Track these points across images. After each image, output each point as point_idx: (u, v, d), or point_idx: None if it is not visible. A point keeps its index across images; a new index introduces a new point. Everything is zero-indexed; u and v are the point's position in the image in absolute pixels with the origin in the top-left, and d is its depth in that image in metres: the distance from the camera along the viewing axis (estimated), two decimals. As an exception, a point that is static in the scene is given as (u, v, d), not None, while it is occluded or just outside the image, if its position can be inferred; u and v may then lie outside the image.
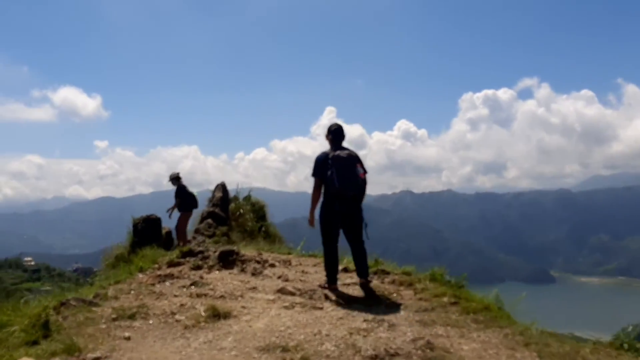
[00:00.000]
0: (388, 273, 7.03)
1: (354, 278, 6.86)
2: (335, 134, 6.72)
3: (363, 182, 6.41)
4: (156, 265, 7.76)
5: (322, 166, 6.45)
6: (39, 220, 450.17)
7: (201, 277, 6.88)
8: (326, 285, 6.55)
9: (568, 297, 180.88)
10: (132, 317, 5.18)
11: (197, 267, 7.54)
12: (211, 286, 6.40)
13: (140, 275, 7.32)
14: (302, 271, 7.55)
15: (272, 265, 7.87)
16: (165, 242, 12.01)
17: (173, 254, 8.42)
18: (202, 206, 13.57)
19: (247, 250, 9.32)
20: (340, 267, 6.89)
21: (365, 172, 6.47)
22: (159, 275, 6.97)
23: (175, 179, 12.85)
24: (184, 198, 12.81)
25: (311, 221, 6.65)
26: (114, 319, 5.09)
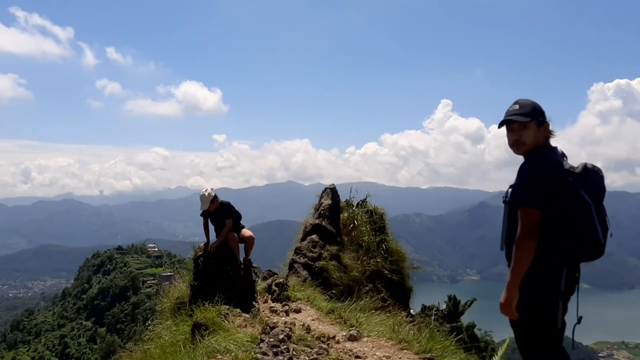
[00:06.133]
0: None
1: None
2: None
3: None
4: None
5: (555, 190, 2.98)
6: (163, 208, 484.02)
7: None
8: None
9: None
10: None
11: None
12: None
13: None
14: None
15: None
16: (243, 288, 8.22)
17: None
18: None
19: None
20: None
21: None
22: None
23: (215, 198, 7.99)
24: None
25: (513, 307, 3.08)
26: None
